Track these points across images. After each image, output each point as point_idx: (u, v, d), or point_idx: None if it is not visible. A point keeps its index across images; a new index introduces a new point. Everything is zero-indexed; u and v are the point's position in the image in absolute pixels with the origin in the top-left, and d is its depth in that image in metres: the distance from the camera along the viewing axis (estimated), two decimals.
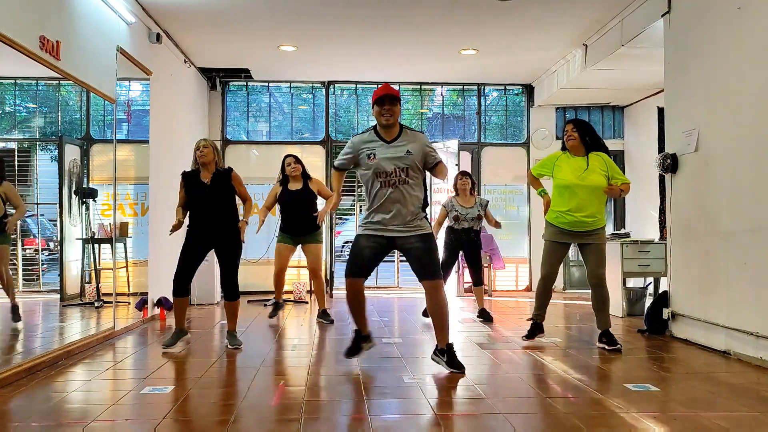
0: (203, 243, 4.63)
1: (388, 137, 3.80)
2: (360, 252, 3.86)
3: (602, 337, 4.57)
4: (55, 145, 5.98)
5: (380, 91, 3.80)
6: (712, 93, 4.61)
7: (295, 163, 5.86)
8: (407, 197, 3.77)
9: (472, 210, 6.00)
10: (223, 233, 4.62)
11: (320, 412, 3.06)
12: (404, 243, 3.83)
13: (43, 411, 3.04)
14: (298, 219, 5.82)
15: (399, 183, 3.75)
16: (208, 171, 4.64)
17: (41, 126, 6.03)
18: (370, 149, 3.80)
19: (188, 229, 4.68)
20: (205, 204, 4.62)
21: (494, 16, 6.15)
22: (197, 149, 4.65)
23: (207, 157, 4.61)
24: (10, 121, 5.83)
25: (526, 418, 2.92)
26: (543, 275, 4.71)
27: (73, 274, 6.07)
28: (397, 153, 3.76)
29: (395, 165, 3.75)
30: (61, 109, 6.08)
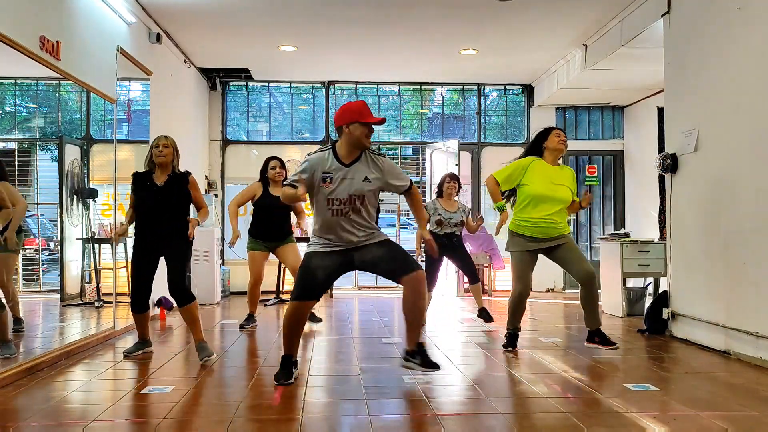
0: (153, 251, 4.23)
1: (347, 159, 3.46)
2: (312, 273, 3.48)
3: (595, 336, 4.42)
4: (55, 145, 5.98)
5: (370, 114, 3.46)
6: (712, 93, 4.61)
7: (280, 167, 5.55)
8: (359, 223, 3.48)
9: (456, 215, 5.72)
10: (171, 237, 4.20)
11: (320, 412, 3.06)
12: (363, 255, 3.51)
13: (43, 411, 3.04)
14: (273, 225, 5.47)
15: (352, 212, 3.44)
16: (163, 173, 4.21)
17: (41, 126, 6.04)
18: (326, 172, 3.43)
19: (136, 236, 4.26)
20: (155, 209, 4.18)
21: (494, 16, 6.15)
22: (155, 147, 4.19)
23: (166, 157, 4.18)
24: (11, 121, 5.83)
25: (526, 418, 2.92)
26: (521, 290, 4.39)
27: (73, 274, 6.07)
28: (355, 178, 3.43)
29: (350, 193, 3.42)
30: (61, 109, 6.09)
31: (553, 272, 8.67)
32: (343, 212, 3.44)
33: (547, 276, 8.63)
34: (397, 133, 9.13)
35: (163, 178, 4.20)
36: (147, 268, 4.24)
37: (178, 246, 4.23)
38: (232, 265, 8.53)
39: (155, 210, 4.18)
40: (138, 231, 4.26)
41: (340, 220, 3.44)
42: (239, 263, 8.56)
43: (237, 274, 8.50)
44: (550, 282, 8.92)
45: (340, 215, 3.44)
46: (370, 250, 3.51)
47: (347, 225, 3.45)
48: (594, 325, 4.40)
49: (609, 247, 6.48)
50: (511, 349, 4.55)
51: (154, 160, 4.21)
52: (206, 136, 8.61)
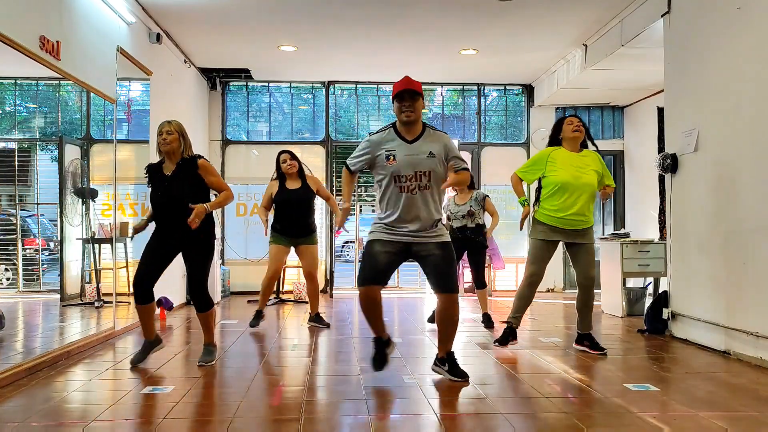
0: (168, 245, 3.97)
1: (409, 136, 3.47)
2: (375, 258, 3.50)
3: (584, 340, 4.46)
4: (55, 145, 5.98)
5: (400, 85, 3.43)
6: (712, 93, 4.61)
7: (290, 159, 5.45)
8: (427, 204, 3.48)
9: (463, 207, 5.64)
10: (192, 235, 3.88)
11: (320, 412, 3.06)
12: (421, 250, 3.53)
13: (43, 411, 3.04)
14: (295, 220, 5.42)
15: (419, 189, 3.44)
16: (172, 161, 3.94)
17: (41, 126, 6.03)
18: (389, 149, 3.45)
19: (154, 230, 4.04)
20: (166, 200, 3.88)
21: (494, 16, 6.15)
22: (159, 134, 3.89)
23: (171, 144, 3.88)
24: (11, 121, 5.83)
25: (526, 418, 2.92)
26: (531, 274, 4.45)
27: (73, 274, 6.07)
28: (419, 154, 3.44)
29: (415, 169, 3.43)
30: (61, 109, 6.08)
31: (553, 272, 8.69)
32: (411, 189, 3.43)
33: (547, 276, 8.59)
34: None
35: (171, 166, 3.92)
36: (157, 259, 3.95)
37: (202, 249, 3.96)
38: (232, 265, 8.54)
39: (166, 202, 3.88)
40: (156, 224, 4.02)
41: (408, 198, 3.44)
42: (239, 263, 8.58)
43: (237, 274, 8.51)
44: (550, 282, 8.92)
45: (407, 192, 3.44)
46: (428, 248, 3.52)
47: (415, 204, 3.45)
48: (585, 328, 4.46)
49: (609, 247, 6.48)
50: (500, 345, 4.57)
51: (161, 148, 3.91)
52: (206, 136, 8.61)
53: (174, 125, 3.93)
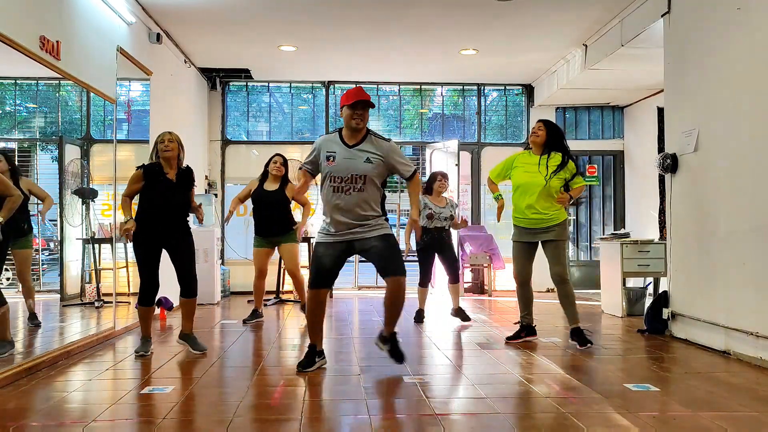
0: (156, 244, 4.32)
1: (350, 141, 3.72)
2: (320, 261, 3.77)
3: (573, 336, 4.62)
4: (55, 145, 5.98)
5: (354, 95, 3.69)
6: (712, 93, 4.61)
7: (281, 163, 5.78)
8: (361, 201, 3.68)
9: (445, 210, 5.87)
10: (177, 230, 4.37)
11: (320, 412, 3.06)
12: (363, 245, 3.74)
13: (43, 411, 3.04)
14: (272, 220, 5.73)
15: (353, 190, 3.66)
16: (170, 167, 4.33)
17: (41, 126, 6.03)
18: (329, 151, 3.71)
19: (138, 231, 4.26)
20: (167, 202, 4.29)
21: (494, 16, 6.16)
22: (161, 142, 4.29)
23: (172, 152, 4.28)
24: (10, 121, 5.83)
25: (526, 418, 2.92)
26: (515, 275, 4.79)
27: (73, 274, 6.07)
28: (356, 159, 3.67)
29: (351, 172, 3.65)
30: (61, 109, 6.08)
31: None
32: (345, 190, 3.66)
33: (547, 276, 8.59)
34: (397, 133, 9.12)
35: (173, 173, 4.32)
36: (154, 261, 4.33)
37: (186, 241, 4.40)
38: (232, 265, 8.54)
39: (169, 201, 4.29)
40: (144, 222, 4.26)
41: (340, 197, 3.67)
42: (239, 263, 8.57)
43: (237, 274, 8.50)
44: (550, 282, 8.89)
45: (339, 192, 3.67)
46: (369, 242, 3.73)
47: (350, 204, 3.66)
48: (572, 322, 4.66)
49: (609, 247, 6.48)
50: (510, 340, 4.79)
51: (161, 155, 4.28)
52: (206, 136, 8.61)
53: (174, 135, 4.37)
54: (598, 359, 4.22)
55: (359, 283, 8.98)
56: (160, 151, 4.28)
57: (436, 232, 5.83)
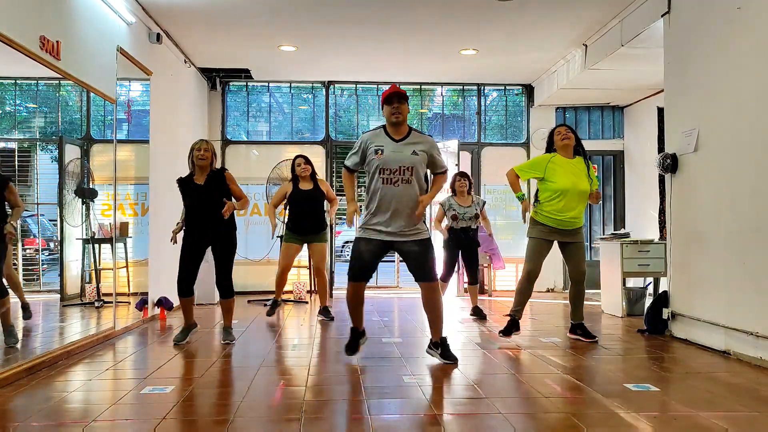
0: (201, 243, 4.75)
1: (396, 136, 3.91)
2: (360, 256, 3.98)
3: (577, 329, 4.87)
4: (55, 145, 5.98)
5: (389, 91, 3.91)
6: (712, 93, 4.61)
7: (305, 163, 5.98)
8: (408, 197, 3.86)
9: (470, 209, 6.13)
10: (220, 233, 4.75)
11: (320, 412, 3.06)
12: (402, 246, 3.95)
13: (43, 411, 3.04)
14: (308, 218, 5.93)
15: (401, 182, 3.84)
16: (203, 173, 4.71)
17: (41, 126, 6.03)
18: (377, 145, 3.88)
19: (185, 231, 4.77)
20: (200, 206, 4.67)
21: (494, 16, 6.16)
22: (197, 150, 4.67)
23: (206, 160, 4.68)
24: (10, 121, 5.82)
25: (526, 418, 2.92)
26: (529, 270, 4.82)
27: (73, 274, 6.07)
28: (404, 152, 3.86)
29: (400, 164, 3.84)
30: (61, 109, 6.08)
31: (553, 272, 8.69)
32: (393, 182, 3.84)
33: (547, 276, 8.63)
34: None
35: (202, 178, 4.70)
36: (196, 256, 4.74)
37: (228, 245, 4.83)
38: None
39: (201, 205, 4.67)
40: (188, 225, 4.75)
41: (391, 189, 3.84)
42: (239, 263, 8.51)
43: (237, 274, 8.44)
44: (550, 282, 8.92)
45: (390, 184, 3.85)
46: (408, 245, 3.94)
47: (398, 196, 3.84)
48: (578, 318, 4.87)
49: (609, 247, 6.48)
50: (504, 335, 4.87)
51: (195, 162, 4.67)
52: (206, 136, 8.60)
53: (210, 144, 4.76)
54: (598, 359, 4.22)
55: None
56: (195, 158, 4.67)
57: (462, 232, 6.12)
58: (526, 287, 4.86)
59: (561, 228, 4.74)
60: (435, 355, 4.10)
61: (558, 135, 4.82)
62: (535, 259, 4.79)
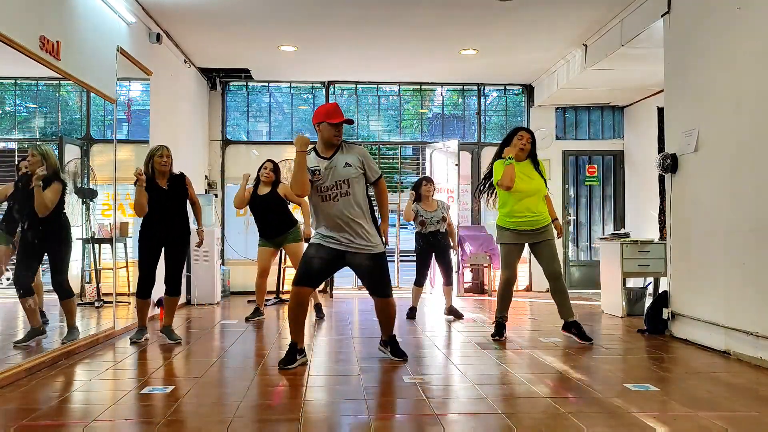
0: (158, 244, 4.84)
1: (327, 154, 3.92)
2: (310, 261, 3.94)
3: (572, 327, 4.84)
4: (55, 145, 5.98)
5: (338, 116, 3.88)
6: (712, 93, 4.61)
7: (271, 170, 5.97)
8: (350, 208, 3.86)
9: (437, 213, 6.17)
10: (176, 232, 4.86)
11: (320, 412, 3.06)
12: (353, 259, 3.94)
13: (43, 411, 3.04)
14: (269, 222, 5.96)
15: (340, 196, 3.85)
16: (163, 177, 4.83)
17: (41, 126, 6.02)
18: (314, 167, 3.87)
19: (142, 233, 4.85)
20: (162, 208, 4.78)
21: (494, 16, 6.15)
22: (159, 156, 4.78)
23: (167, 166, 4.81)
24: (10, 121, 5.82)
25: (526, 418, 2.92)
26: (507, 277, 4.91)
27: (73, 274, 6.05)
28: (337, 166, 3.87)
29: (335, 179, 3.85)
30: (61, 109, 6.07)
31: None
32: (332, 197, 3.84)
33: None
34: (397, 133, 9.13)
35: (164, 182, 4.81)
36: (155, 258, 4.84)
37: (182, 244, 4.90)
38: (232, 265, 8.54)
39: (163, 207, 4.76)
40: (146, 225, 4.82)
41: (332, 206, 3.85)
42: (239, 263, 8.58)
43: (237, 274, 8.51)
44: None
45: (329, 200, 3.85)
46: (360, 258, 3.93)
47: (340, 211, 3.84)
48: (567, 315, 4.85)
49: (609, 247, 6.48)
50: (498, 338, 4.90)
51: (156, 168, 4.77)
52: (206, 136, 8.61)
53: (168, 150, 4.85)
54: (598, 359, 4.22)
55: (359, 284, 8.97)
56: (156, 164, 4.76)
57: (431, 236, 6.16)
58: (506, 293, 4.95)
59: (526, 229, 4.81)
60: (386, 353, 4.21)
61: (521, 139, 4.88)
62: (510, 264, 4.90)
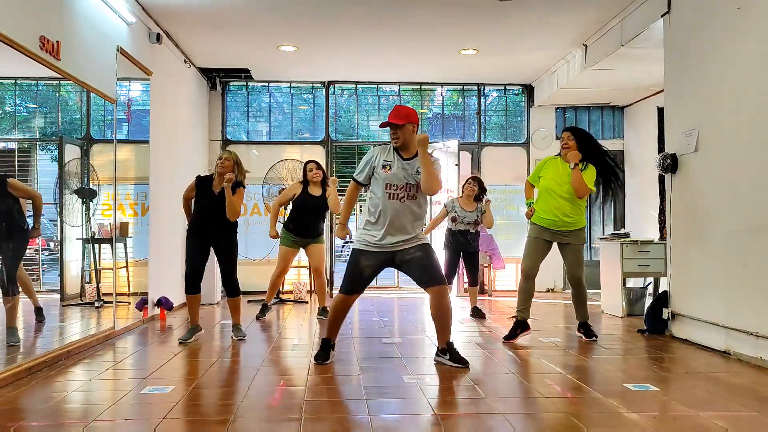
0: (206, 244, 4.91)
1: (405, 155, 3.94)
2: (360, 271, 3.94)
3: (580, 327, 4.98)
4: (55, 145, 5.98)
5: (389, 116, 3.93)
6: (712, 93, 4.61)
7: (317, 169, 6.03)
8: (412, 213, 3.90)
9: (471, 214, 6.17)
10: (222, 235, 4.91)
11: (320, 412, 3.06)
12: (404, 255, 3.93)
13: (43, 411, 3.04)
14: (309, 222, 6.00)
15: (406, 198, 3.88)
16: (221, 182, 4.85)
17: (41, 126, 6.02)
18: (387, 160, 3.91)
19: (191, 231, 4.92)
20: (210, 211, 4.85)
21: (494, 16, 6.16)
22: (219, 158, 4.88)
23: (225, 168, 4.83)
24: (11, 121, 5.82)
25: (526, 418, 2.92)
26: (523, 268, 4.93)
27: (73, 274, 6.06)
28: (410, 170, 3.88)
29: (406, 181, 3.87)
30: (61, 109, 6.07)
31: (553, 273, 8.68)
32: (399, 197, 3.87)
33: (547, 276, 8.63)
34: None
35: (219, 187, 4.85)
36: (201, 256, 4.92)
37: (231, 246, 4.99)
38: None
39: (211, 211, 4.86)
40: (195, 225, 4.92)
41: (396, 204, 3.86)
42: (239, 263, 8.52)
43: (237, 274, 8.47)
44: (550, 282, 8.92)
45: (395, 199, 3.87)
46: (410, 252, 3.92)
47: (402, 211, 3.87)
48: (581, 318, 4.98)
49: (609, 247, 6.48)
50: (509, 340, 4.83)
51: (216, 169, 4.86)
52: (206, 136, 8.61)
53: (233, 155, 4.90)
54: (598, 359, 4.22)
55: None
56: (216, 166, 4.86)
57: (460, 235, 6.18)
58: (525, 285, 4.93)
59: (553, 228, 4.83)
60: (444, 362, 4.00)
61: (561, 140, 4.92)
62: (531, 256, 4.90)
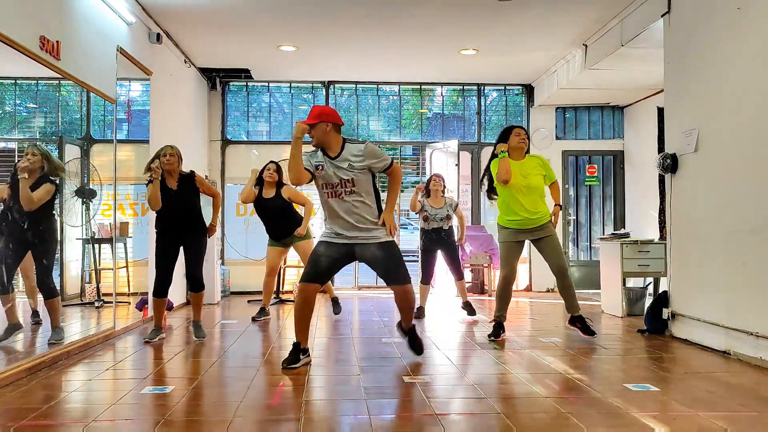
0: (173, 244, 4.89)
1: (331, 154, 3.92)
2: (318, 259, 3.96)
3: (576, 322, 4.92)
4: (55, 145, 5.98)
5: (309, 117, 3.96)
6: (712, 93, 4.61)
7: (274, 170, 5.92)
8: (357, 207, 3.88)
9: (441, 210, 6.17)
10: (191, 232, 4.89)
11: (320, 412, 3.06)
12: (364, 251, 3.94)
13: (43, 411, 3.04)
14: (275, 224, 5.97)
15: (345, 194, 3.87)
16: (173, 178, 4.84)
17: (41, 126, 6.03)
18: (318, 162, 3.92)
19: (158, 234, 4.90)
20: (173, 209, 4.81)
21: (494, 16, 6.16)
22: (163, 156, 4.77)
23: (173, 165, 4.80)
24: (11, 121, 5.83)
25: (526, 418, 2.92)
26: (504, 275, 4.92)
27: (73, 274, 6.07)
28: (342, 166, 3.87)
29: (340, 177, 3.87)
30: (61, 109, 6.08)
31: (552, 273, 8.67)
32: (338, 194, 3.88)
33: (547, 277, 8.60)
34: (397, 133, 9.13)
35: (174, 182, 4.83)
36: (171, 258, 4.88)
37: (199, 242, 4.93)
38: (232, 265, 8.54)
39: (174, 208, 4.80)
40: (161, 227, 4.87)
41: (337, 202, 3.89)
42: (239, 263, 8.58)
43: (237, 274, 8.51)
44: (550, 282, 8.91)
45: (335, 197, 3.89)
46: (370, 249, 3.93)
47: (346, 208, 3.88)
48: (573, 310, 4.91)
49: (609, 247, 6.48)
50: (494, 339, 4.89)
51: (163, 168, 4.77)
52: (206, 136, 8.61)
53: (175, 150, 4.83)
54: (598, 359, 4.22)
55: (359, 283, 8.98)
56: (163, 164, 4.76)
57: (434, 233, 6.17)
58: (505, 292, 4.95)
59: (525, 227, 4.82)
60: (402, 338, 4.32)
61: (517, 136, 4.87)
62: (509, 262, 4.89)
